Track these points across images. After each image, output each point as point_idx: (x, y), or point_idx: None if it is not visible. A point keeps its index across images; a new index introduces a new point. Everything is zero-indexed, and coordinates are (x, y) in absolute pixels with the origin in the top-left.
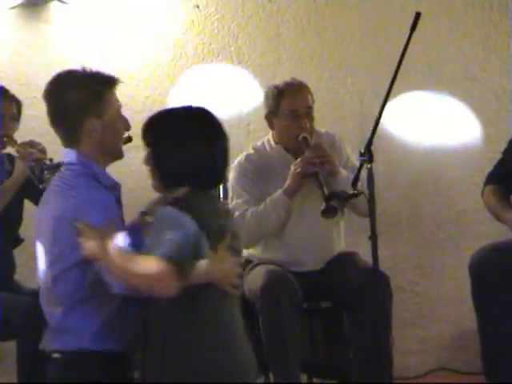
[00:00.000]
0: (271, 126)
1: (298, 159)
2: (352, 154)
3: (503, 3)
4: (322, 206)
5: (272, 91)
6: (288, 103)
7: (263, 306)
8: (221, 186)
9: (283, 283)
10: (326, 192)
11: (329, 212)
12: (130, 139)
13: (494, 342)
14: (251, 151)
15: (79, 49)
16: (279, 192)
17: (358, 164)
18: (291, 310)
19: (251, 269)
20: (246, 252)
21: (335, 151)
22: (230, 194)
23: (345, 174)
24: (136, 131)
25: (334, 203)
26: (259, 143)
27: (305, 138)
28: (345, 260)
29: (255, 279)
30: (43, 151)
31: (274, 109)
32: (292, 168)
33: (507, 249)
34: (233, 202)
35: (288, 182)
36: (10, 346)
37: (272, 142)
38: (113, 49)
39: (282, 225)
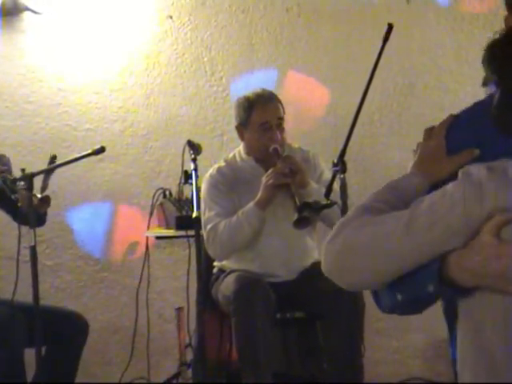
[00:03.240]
0: (242, 137)
1: (270, 170)
2: (326, 168)
3: (474, 15)
4: (294, 216)
5: (242, 102)
6: (258, 115)
7: (236, 308)
8: (194, 198)
9: (256, 286)
10: (298, 202)
11: (301, 222)
12: (102, 149)
13: None
14: (222, 163)
15: (52, 59)
16: (251, 204)
17: (330, 176)
18: (264, 312)
19: (224, 278)
20: (218, 263)
21: (309, 166)
22: (202, 206)
23: (315, 186)
24: (108, 141)
25: (306, 213)
26: (230, 155)
27: (276, 150)
28: (318, 270)
29: (228, 285)
30: (8, 163)
31: (244, 120)
32: (264, 179)
33: None
34: (205, 215)
35: (260, 194)
36: None
37: (243, 154)
38: (86, 59)
39: (255, 237)
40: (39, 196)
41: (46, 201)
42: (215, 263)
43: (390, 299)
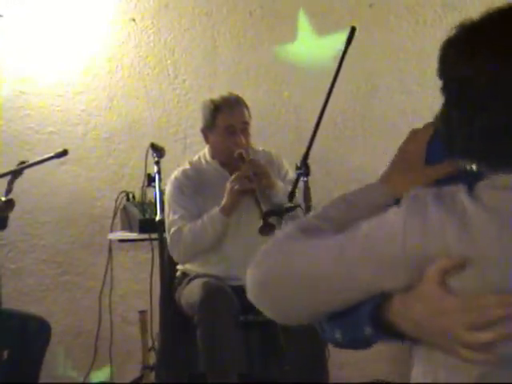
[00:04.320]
0: (207, 140)
1: (234, 175)
2: (290, 168)
3: (436, 18)
4: (260, 223)
5: (208, 105)
6: (224, 118)
7: (201, 318)
8: (158, 201)
9: (221, 296)
10: (264, 209)
11: (266, 229)
12: (65, 152)
13: None
14: (187, 166)
15: (14, 61)
16: (216, 209)
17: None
18: (229, 322)
19: (188, 282)
20: (182, 266)
21: (273, 167)
22: (166, 209)
23: (282, 185)
24: (71, 144)
25: (272, 220)
26: (195, 158)
27: (240, 154)
28: None
29: (193, 292)
30: None
31: (209, 123)
32: (228, 185)
33: None
34: (169, 218)
35: (225, 200)
36: None
37: (208, 157)
38: (48, 61)
39: (219, 241)
40: (3, 199)
41: (10, 204)
42: (178, 267)
43: (330, 335)
